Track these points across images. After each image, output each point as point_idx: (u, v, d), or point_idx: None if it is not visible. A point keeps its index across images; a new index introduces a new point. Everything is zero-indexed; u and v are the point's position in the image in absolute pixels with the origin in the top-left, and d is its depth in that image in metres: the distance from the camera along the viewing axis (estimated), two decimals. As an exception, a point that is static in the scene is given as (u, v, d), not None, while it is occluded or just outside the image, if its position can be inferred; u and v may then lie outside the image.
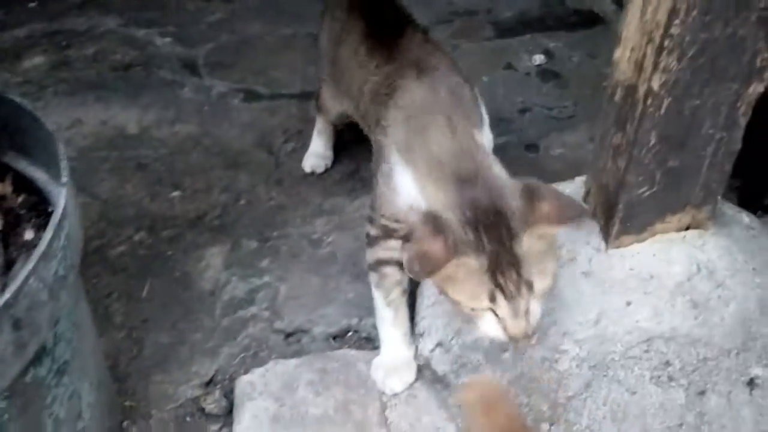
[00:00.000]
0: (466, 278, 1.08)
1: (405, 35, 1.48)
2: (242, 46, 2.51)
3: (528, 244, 1.06)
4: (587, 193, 1.28)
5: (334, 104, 1.75)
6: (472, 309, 1.10)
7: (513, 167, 1.94)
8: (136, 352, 1.56)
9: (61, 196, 1.02)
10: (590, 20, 2.63)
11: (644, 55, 1.04)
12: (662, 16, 0.98)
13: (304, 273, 1.70)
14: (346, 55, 1.56)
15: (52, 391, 1.04)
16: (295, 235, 1.81)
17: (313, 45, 1.82)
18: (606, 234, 1.22)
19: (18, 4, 2.62)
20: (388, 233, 1.32)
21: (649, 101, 1.05)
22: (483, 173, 1.14)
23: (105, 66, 2.38)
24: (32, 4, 2.61)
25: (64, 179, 1.05)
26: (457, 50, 2.46)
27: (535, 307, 1.09)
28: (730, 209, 1.31)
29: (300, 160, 2.00)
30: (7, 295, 0.87)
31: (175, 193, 1.94)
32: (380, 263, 1.36)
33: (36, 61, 2.40)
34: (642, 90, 1.06)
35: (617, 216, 1.17)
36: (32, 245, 1.09)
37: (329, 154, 1.98)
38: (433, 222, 1.09)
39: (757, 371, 1.18)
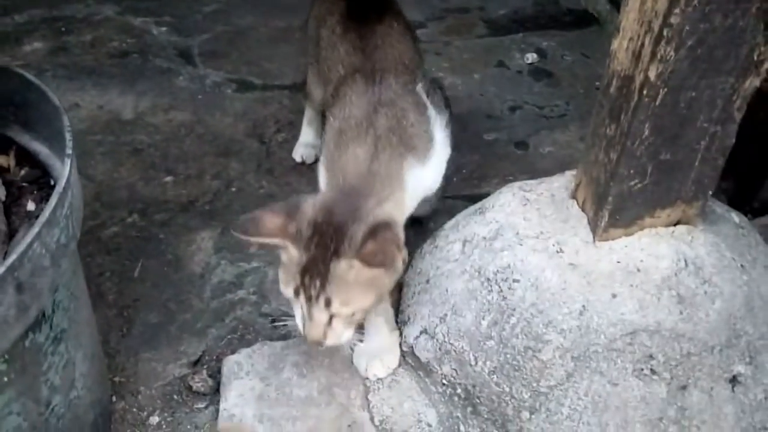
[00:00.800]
0: (288, 264, 1.17)
1: (382, 23, 1.46)
2: (236, 37, 2.47)
3: (343, 268, 1.12)
4: (577, 186, 1.24)
5: (317, 89, 1.71)
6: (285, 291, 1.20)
7: (502, 164, 1.93)
8: (127, 330, 1.54)
9: (65, 167, 1.01)
10: (584, 20, 2.59)
11: (642, 45, 1.00)
12: (662, 5, 0.95)
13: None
14: (326, 35, 1.54)
15: (49, 358, 1.04)
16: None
17: (305, 38, 1.80)
18: (594, 226, 1.18)
19: (19, -11, 2.59)
20: None
21: (645, 92, 1.01)
22: (366, 201, 1.19)
23: (102, 53, 2.35)
24: (32, -10, 2.57)
25: (69, 150, 1.04)
26: (449, 47, 2.43)
27: (338, 326, 1.17)
28: (719, 207, 1.27)
29: (291, 150, 1.97)
30: (12, 257, 0.87)
31: (168, 178, 1.91)
32: None
33: (35, 45, 2.36)
34: (638, 80, 1.02)
35: (606, 208, 1.13)
36: (34, 216, 1.11)
37: (319, 143, 1.94)
38: (293, 207, 1.17)
39: (740, 368, 1.14)
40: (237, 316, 1.56)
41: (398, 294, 1.43)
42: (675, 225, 1.19)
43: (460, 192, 1.83)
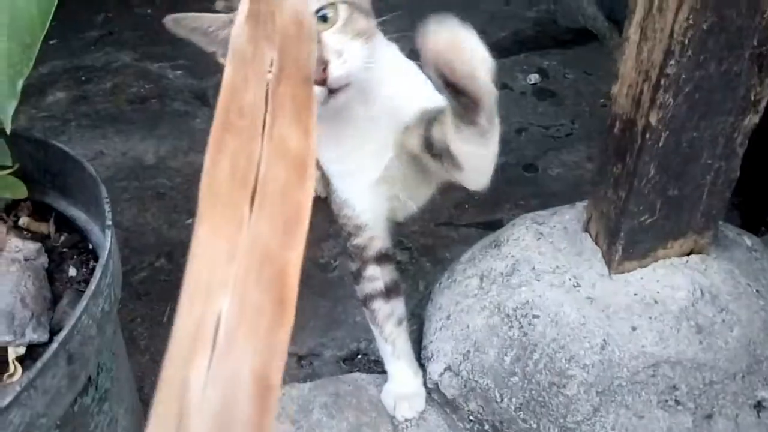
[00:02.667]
0: None
1: None
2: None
3: None
4: (589, 220, 1.22)
5: None
6: None
7: (512, 189, 1.90)
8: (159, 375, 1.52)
9: (106, 238, 1.02)
10: (584, 38, 2.54)
11: (641, 92, 0.99)
12: (658, 56, 0.93)
13: (313, 296, 1.65)
14: None
15: (95, 418, 1.04)
16: (304, 259, 1.75)
17: None
18: (609, 260, 1.16)
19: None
20: (357, 252, 1.24)
21: (647, 135, 0.99)
22: None
23: (122, 99, 2.34)
24: (53, 41, 2.56)
25: (109, 222, 1.05)
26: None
27: (332, 38, 0.93)
28: (731, 231, 1.24)
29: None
30: (64, 332, 0.88)
31: (191, 221, 1.89)
32: (368, 299, 1.27)
33: (58, 95, 2.36)
34: (640, 124, 1.00)
35: (619, 243, 1.11)
36: (76, 281, 1.12)
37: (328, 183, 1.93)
38: None
39: (763, 394, 1.11)
40: (265, 356, 1.55)
41: (418, 332, 1.41)
42: (688, 254, 1.16)
43: (474, 220, 1.81)
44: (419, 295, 1.60)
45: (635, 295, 1.13)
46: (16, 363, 0.98)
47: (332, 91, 0.93)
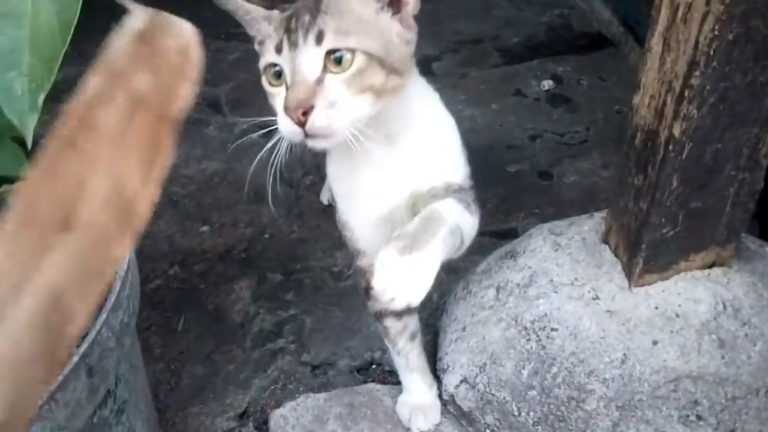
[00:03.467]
0: (269, 31, 0.93)
1: None
2: (260, 83, 2.45)
3: None
4: (608, 231, 1.20)
5: None
6: (267, 76, 0.95)
7: (527, 196, 1.89)
8: (174, 383, 1.52)
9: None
10: (598, 43, 2.53)
11: (664, 103, 0.97)
12: (682, 67, 0.92)
13: (327, 306, 1.65)
14: None
15: (113, 429, 1.04)
16: (317, 268, 1.75)
17: None
18: (629, 272, 1.14)
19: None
20: (361, 272, 1.21)
21: (670, 147, 0.97)
22: None
23: (135, 106, 2.34)
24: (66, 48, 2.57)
25: None
26: (466, 79, 2.39)
27: (333, 85, 0.87)
28: (752, 243, 1.23)
29: (318, 193, 1.95)
30: (84, 345, 0.88)
31: (204, 228, 1.90)
32: (379, 315, 1.26)
33: (71, 102, 2.36)
34: (663, 136, 0.99)
35: (640, 255, 1.10)
36: None
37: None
38: None
39: (786, 410, 1.10)
40: (278, 366, 1.54)
41: (433, 343, 1.40)
42: (710, 267, 1.14)
43: (488, 228, 1.79)
44: (433, 305, 1.59)
45: (656, 308, 1.11)
46: (32, 375, 0.97)
47: (310, 136, 0.88)
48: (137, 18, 0.43)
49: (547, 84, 2.32)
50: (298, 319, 1.63)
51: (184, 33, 0.45)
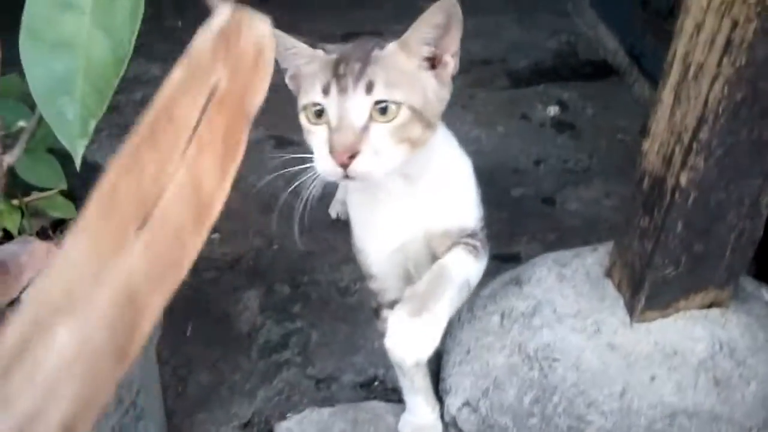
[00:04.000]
0: (313, 69, 0.98)
1: None
2: (273, 94, 2.47)
3: (390, 50, 0.96)
4: (612, 266, 1.26)
5: None
6: (307, 113, 0.98)
7: (530, 222, 1.94)
8: (182, 390, 1.57)
9: None
10: (604, 71, 2.59)
11: (672, 152, 1.03)
12: (691, 121, 0.98)
13: (333, 320, 1.70)
14: None
15: None
16: (324, 282, 1.80)
17: None
18: (631, 308, 1.20)
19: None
20: (372, 294, 1.27)
21: (676, 194, 1.04)
22: None
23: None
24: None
25: None
26: (474, 100, 2.44)
27: (378, 134, 0.93)
28: (750, 285, 1.29)
29: (327, 206, 1.99)
30: None
31: (215, 236, 1.94)
32: None
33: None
34: (670, 183, 1.05)
35: (643, 293, 1.16)
36: None
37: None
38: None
39: (777, 449, 1.16)
40: (283, 378, 1.58)
41: (436, 365, 1.45)
42: (708, 307, 1.21)
43: (491, 251, 1.85)
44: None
45: (656, 344, 1.17)
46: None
47: (349, 177, 0.94)
48: (222, 14, 0.44)
49: (553, 110, 2.38)
50: (304, 332, 1.68)
51: (260, 29, 0.46)
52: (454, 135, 1.16)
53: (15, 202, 1.19)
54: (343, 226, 1.95)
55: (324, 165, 0.94)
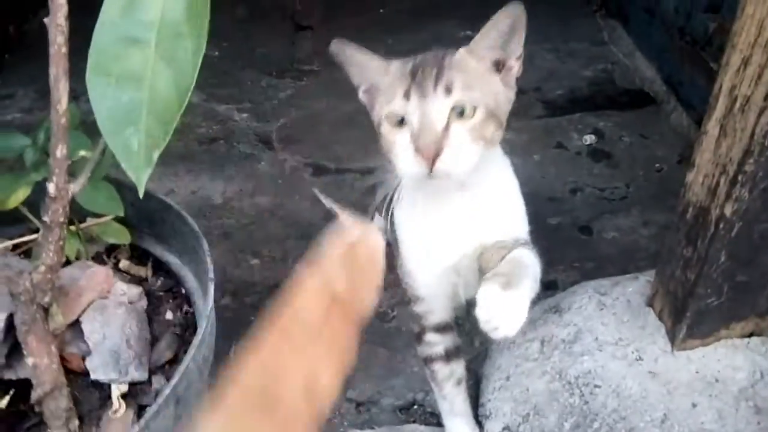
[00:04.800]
0: (388, 79, 1.04)
1: None
2: (309, 121, 2.56)
3: (462, 54, 1.02)
4: (654, 295, 1.28)
5: None
6: (388, 122, 1.02)
7: (567, 250, 1.96)
8: (224, 413, 1.59)
9: (209, 292, 1.13)
10: (640, 100, 2.59)
11: (717, 184, 1.05)
12: (737, 154, 1.00)
13: (372, 344, 1.72)
14: None
15: None
16: (363, 307, 1.83)
17: (371, 122, 1.88)
18: (672, 337, 1.22)
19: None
20: (416, 318, 1.30)
21: (721, 225, 1.06)
22: None
23: (192, 139, 2.46)
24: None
25: (211, 275, 1.14)
26: (509, 129, 2.46)
27: (458, 133, 0.97)
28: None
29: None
30: (175, 378, 0.98)
31: (255, 261, 1.98)
32: (429, 360, 1.34)
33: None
34: (714, 214, 1.07)
35: (685, 322, 1.17)
36: (172, 324, 1.23)
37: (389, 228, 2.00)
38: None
39: (818, 479, 1.16)
40: (324, 400, 1.61)
41: (474, 389, 1.47)
42: (749, 336, 1.22)
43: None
44: (474, 350, 1.66)
45: (696, 372, 1.19)
46: (121, 400, 1.07)
47: (432, 175, 0.97)
48: (352, 228, 0.51)
49: (590, 138, 2.39)
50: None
51: (373, 242, 0.52)
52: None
53: (72, 227, 1.24)
54: (395, 258, 1.99)
55: (409, 166, 0.98)
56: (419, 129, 0.97)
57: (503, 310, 0.95)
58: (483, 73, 1.03)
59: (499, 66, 1.06)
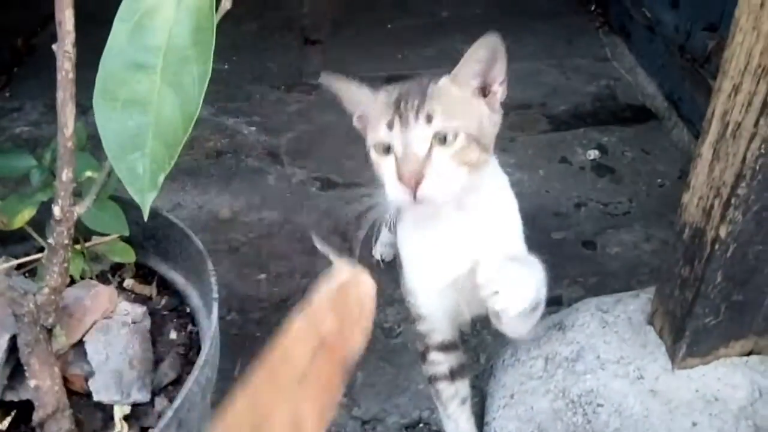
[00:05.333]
0: (376, 109, 1.07)
1: None
2: (318, 135, 2.58)
3: (444, 83, 1.05)
4: (653, 313, 1.28)
5: None
6: (376, 150, 1.06)
7: (571, 265, 1.96)
8: (227, 430, 1.60)
9: (213, 312, 1.12)
10: (643, 116, 2.61)
11: (712, 206, 1.06)
12: (729, 178, 1.01)
13: (378, 361, 1.73)
14: None
15: None
16: (369, 323, 1.84)
17: None
18: (673, 355, 1.22)
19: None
20: (420, 337, 1.31)
21: (716, 246, 1.06)
22: None
23: (200, 153, 2.47)
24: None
25: (215, 294, 1.14)
26: (515, 143, 2.47)
27: (440, 159, 1.00)
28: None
29: (370, 248, 2.04)
30: (178, 400, 0.97)
31: (262, 276, 1.99)
32: (434, 379, 1.35)
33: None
34: (710, 235, 1.07)
35: (684, 341, 1.18)
36: (176, 344, 1.22)
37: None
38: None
39: (817, 498, 1.16)
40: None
41: (479, 407, 1.47)
42: (748, 354, 1.22)
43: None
44: (480, 367, 1.67)
45: (697, 391, 1.19)
46: (123, 421, 1.07)
47: (418, 201, 1.00)
48: (342, 272, 0.52)
49: (594, 154, 2.40)
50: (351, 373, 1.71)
51: (366, 286, 0.53)
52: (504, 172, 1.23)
53: (77, 246, 1.25)
54: (386, 268, 2.00)
55: (394, 192, 1.02)
56: (402, 157, 1.01)
57: (505, 276, 0.99)
58: (466, 99, 1.06)
59: (484, 91, 1.08)
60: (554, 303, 1.81)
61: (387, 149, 1.04)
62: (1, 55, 3.03)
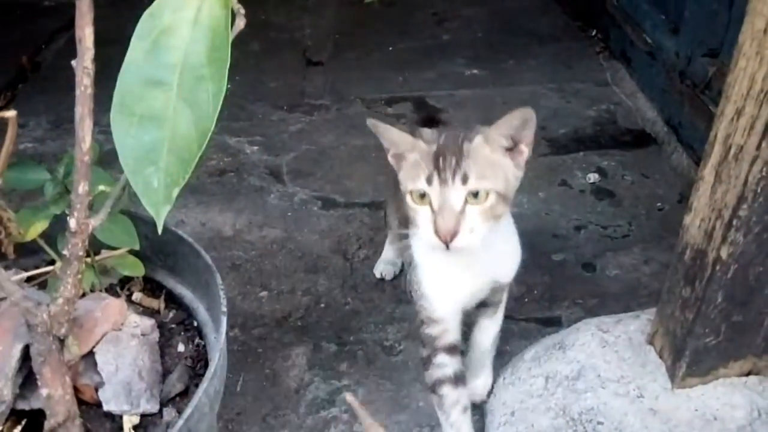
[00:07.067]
0: (415, 160, 1.15)
1: None
2: (319, 155, 2.61)
3: (478, 142, 1.13)
4: (654, 333, 1.31)
5: (394, 220, 1.81)
6: (412, 195, 1.15)
7: (570, 287, 1.99)
8: (233, 443, 1.61)
9: (221, 325, 1.15)
10: (642, 140, 2.64)
11: (713, 228, 1.09)
12: (731, 199, 1.04)
13: (378, 379, 1.74)
14: None
15: None
16: (370, 341, 1.85)
17: (379, 156, 1.92)
18: (672, 375, 1.24)
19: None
20: (428, 340, 1.38)
21: (717, 267, 1.09)
22: None
23: (203, 171, 2.50)
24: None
25: (224, 308, 1.16)
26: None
27: (472, 215, 1.12)
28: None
29: (372, 267, 2.06)
30: (188, 410, 0.99)
31: (263, 293, 2.01)
32: (437, 384, 1.39)
33: (141, 162, 2.52)
34: (711, 256, 1.10)
35: (684, 360, 1.20)
36: (184, 356, 1.24)
37: (399, 261, 2.04)
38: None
39: None
40: (331, 434, 1.63)
41: (480, 424, 1.49)
42: (747, 374, 1.24)
43: (533, 315, 1.90)
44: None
45: (696, 410, 1.21)
46: (132, 431, 1.09)
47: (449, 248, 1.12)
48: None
49: (593, 177, 2.43)
50: (351, 390, 1.72)
51: None
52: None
53: (88, 260, 1.27)
54: (388, 286, 2.02)
55: (430, 239, 1.14)
56: (438, 210, 1.12)
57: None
58: (496, 159, 1.15)
59: (512, 149, 1.18)
60: (554, 324, 1.83)
61: (423, 196, 1.14)
62: (6, 72, 3.07)
